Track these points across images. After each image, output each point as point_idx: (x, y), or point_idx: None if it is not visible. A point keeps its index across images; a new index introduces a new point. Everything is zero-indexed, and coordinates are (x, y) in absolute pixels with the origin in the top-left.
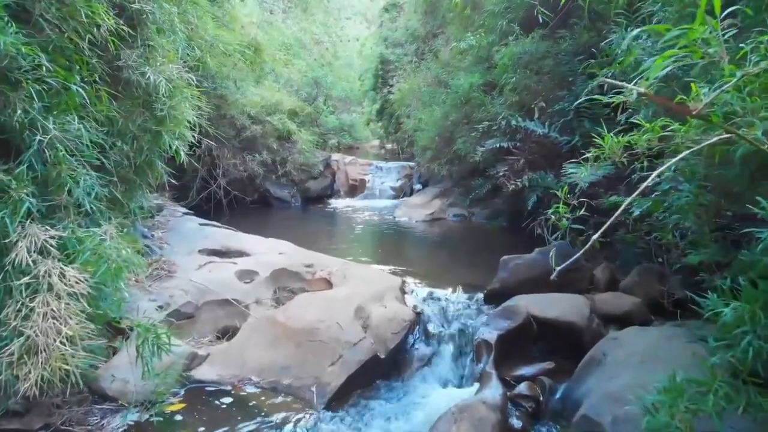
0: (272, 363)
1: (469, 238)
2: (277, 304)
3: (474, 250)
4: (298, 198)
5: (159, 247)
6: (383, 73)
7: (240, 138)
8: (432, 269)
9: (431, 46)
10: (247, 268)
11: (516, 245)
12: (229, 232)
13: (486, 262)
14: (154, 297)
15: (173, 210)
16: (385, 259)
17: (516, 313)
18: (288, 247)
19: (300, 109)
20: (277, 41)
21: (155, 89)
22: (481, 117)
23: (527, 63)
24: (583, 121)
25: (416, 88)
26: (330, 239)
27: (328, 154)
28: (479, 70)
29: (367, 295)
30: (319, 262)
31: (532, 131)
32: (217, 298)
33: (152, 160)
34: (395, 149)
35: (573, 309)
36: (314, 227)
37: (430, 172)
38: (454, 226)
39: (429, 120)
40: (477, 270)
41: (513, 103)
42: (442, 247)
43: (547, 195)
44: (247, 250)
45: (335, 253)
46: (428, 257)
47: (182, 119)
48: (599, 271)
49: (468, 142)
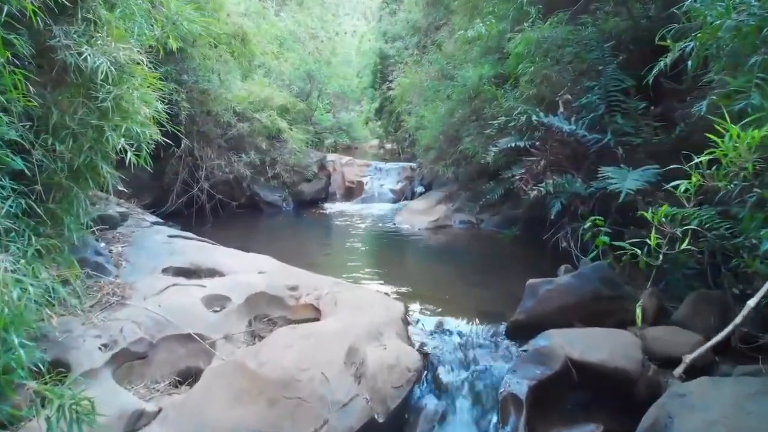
0: (238, 426)
1: (479, 249)
2: (251, 340)
3: (487, 264)
4: (290, 202)
5: (116, 265)
6: (382, 68)
7: (225, 137)
8: (440, 289)
9: (434, 38)
10: (217, 293)
11: (535, 260)
12: (203, 246)
13: (503, 280)
14: (99, 332)
15: (140, 219)
16: (385, 276)
17: (551, 357)
18: (270, 263)
19: (292, 106)
20: (269, 34)
21: (99, 74)
22: (493, 113)
23: (547, 51)
24: (615, 116)
25: (418, 83)
26: (322, 250)
27: (323, 155)
28: (489, 60)
29: (361, 330)
30: (306, 282)
31: (555, 128)
32: (177, 333)
33: (94, 162)
34: (395, 149)
35: (621, 350)
36: (306, 235)
37: (434, 173)
38: (460, 234)
39: (432, 117)
40: (493, 291)
41: (530, 96)
42: (450, 260)
43: (574, 202)
44: (220, 269)
45: (327, 267)
46: (435, 274)
47: (133, 112)
48: (645, 297)
49: (476, 141)
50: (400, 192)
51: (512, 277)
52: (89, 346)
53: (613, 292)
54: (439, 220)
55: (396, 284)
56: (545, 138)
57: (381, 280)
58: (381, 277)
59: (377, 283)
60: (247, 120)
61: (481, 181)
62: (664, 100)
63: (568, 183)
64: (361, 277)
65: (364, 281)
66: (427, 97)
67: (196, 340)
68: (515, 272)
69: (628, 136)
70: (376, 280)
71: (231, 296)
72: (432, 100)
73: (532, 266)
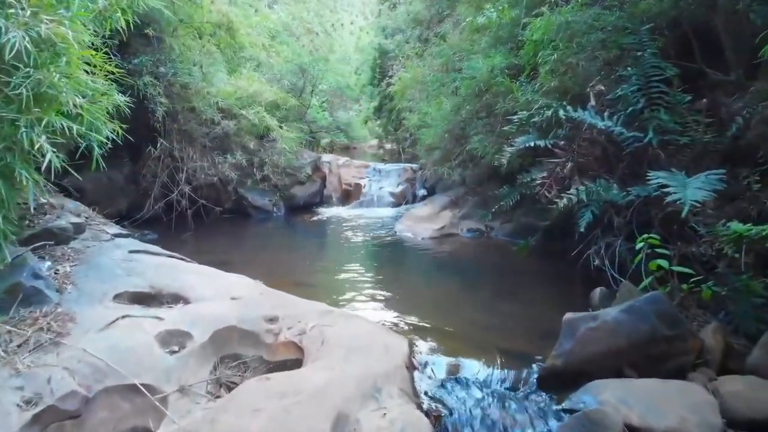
0: None
1: (492, 263)
2: (215, 391)
3: (504, 284)
4: (281, 207)
5: (59, 290)
6: (381, 64)
7: (209, 136)
8: (451, 318)
9: (437, 31)
10: (177, 327)
11: (561, 278)
12: (170, 264)
13: (525, 305)
14: (22, 382)
15: (100, 231)
16: (385, 300)
17: (604, 425)
18: (246, 286)
19: (282, 102)
20: (260, 25)
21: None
22: (507, 108)
23: (571, 36)
24: (657, 110)
25: (420, 78)
26: (313, 264)
27: (318, 155)
28: (502, 50)
29: (354, 386)
30: (289, 311)
31: (585, 125)
32: (120, 383)
33: (11, 165)
34: (395, 149)
35: (693, 412)
36: (296, 245)
37: (437, 176)
38: (469, 244)
39: (436, 114)
40: (516, 320)
41: (552, 88)
42: (460, 278)
43: (608, 211)
44: (186, 293)
45: (317, 288)
46: (443, 296)
47: (58, 102)
48: (709, 335)
49: (487, 140)
50: (400, 195)
51: (536, 301)
52: (6, 402)
53: (674, 331)
54: (445, 228)
55: (398, 310)
56: (571, 136)
57: (380, 305)
58: (380, 301)
59: (375, 309)
60: (234, 117)
61: (491, 184)
62: (707, 93)
63: (604, 189)
64: (357, 301)
65: (360, 306)
66: (430, 92)
67: (144, 392)
68: (539, 295)
69: (671, 134)
70: (374, 305)
71: (193, 332)
72: (436, 96)
73: (557, 287)
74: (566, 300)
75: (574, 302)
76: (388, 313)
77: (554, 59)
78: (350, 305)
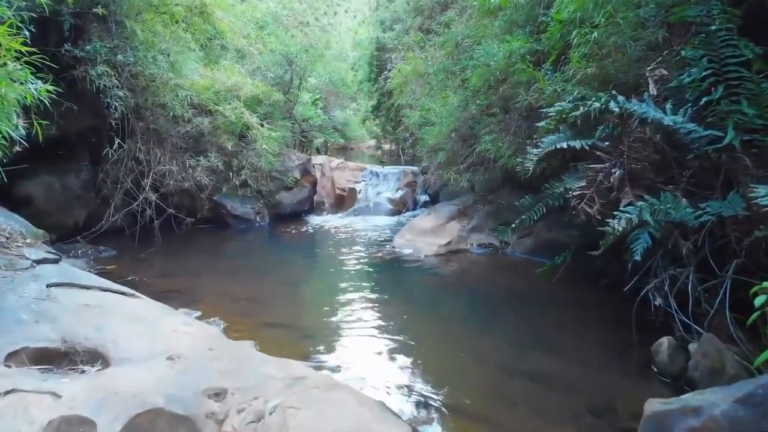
0: None
1: (511, 291)
2: None
3: (531, 322)
4: (265, 215)
5: None
6: (379, 57)
7: (180, 135)
8: (468, 384)
9: (440, 20)
10: (77, 413)
11: (601, 314)
12: (98, 302)
13: (565, 360)
14: None
15: (18, 256)
16: (378, 352)
17: None
18: (193, 336)
19: (266, 96)
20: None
21: None
22: (530, 101)
23: (611, 12)
24: (739, 102)
25: (422, 70)
26: (291, 295)
27: (307, 157)
28: (520, 34)
29: None
30: (243, 382)
31: (634, 121)
32: None
33: None
34: (394, 150)
35: None
36: (275, 267)
37: (442, 180)
38: (480, 263)
39: (441, 110)
40: (555, 387)
41: (588, 76)
42: (474, 314)
43: (671, 234)
44: (108, 350)
45: (293, 330)
46: (455, 345)
47: None
48: None
49: (501, 139)
50: (399, 202)
51: (578, 353)
52: None
53: None
54: (452, 243)
55: (396, 370)
56: (618, 136)
57: (373, 360)
58: (373, 354)
59: (366, 368)
60: (210, 114)
61: (506, 191)
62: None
63: (673, 206)
64: (342, 352)
65: (346, 362)
66: (434, 85)
67: None
68: (580, 343)
69: (755, 133)
70: (365, 361)
71: (100, 420)
72: (440, 89)
73: (602, 330)
74: (618, 351)
75: (629, 356)
76: (383, 374)
77: (592, 40)
78: (333, 360)
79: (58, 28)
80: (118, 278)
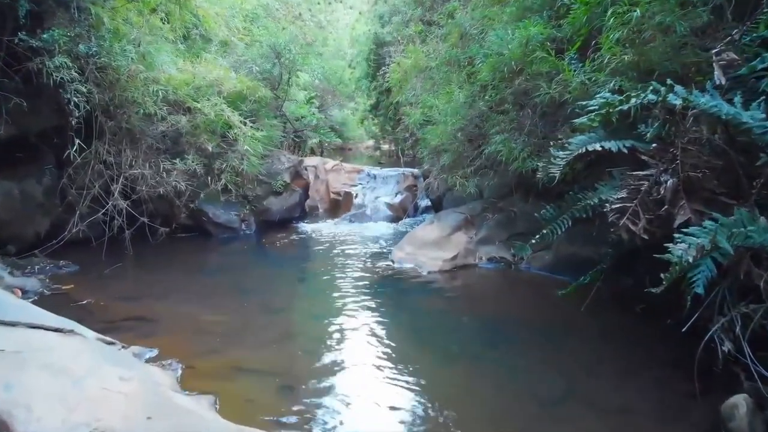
0: None
1: (530, 317)
2: None
3: (557, 360)
4: (251, 223)
5: None
6: (377, 52)
7: (155, 135)
8: None
9: (442, 11)
10: None
11: (645, 354)
12: (15, 348)
13: (607, 422)
14: None
15: None
16: (373, 403)
17: None
18: (131, 397)
19: (251, 92)
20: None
21: None
22: (553, 95)
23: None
24: None
25: (423, 64)
26: (270, 324)
27: (299, 159)
28: (537, 20)
29: None
30: None
31: (689, 120)
32: None
33: None
34: (393, 150)
35: None
36: (256, 286)
37: (446, 185)
38: (492, 281)
39: (445, 107)
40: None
41: (624, 65)
42: (491, 349)
43: (742, 262)
44: (12, 421)
45: (264, 378)
46: (467, 392)
47: None
48: None
49: (515, 140)
50: (399, 208)
51: (621, 412)
52: None
53: None
54: (458, 257)
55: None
56: (667, 137)
57: (364, 420)
58: (363, 410)
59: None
60: (188, 112)
61: (519, 198)
62: None
63: (753, 229)
64: (327, 413)
65: (331, 427)
66: (437, 80)
67: None
68: (622, 396)
69: None
70: (356, 422)
71: None
72: (444, 84)
73: (648, 376)
74: (676, 407)
75: (689, 419)
76: None
77: (634, 19)
78: (315, 425)
79: (14, 14)
80: (71, 302)
